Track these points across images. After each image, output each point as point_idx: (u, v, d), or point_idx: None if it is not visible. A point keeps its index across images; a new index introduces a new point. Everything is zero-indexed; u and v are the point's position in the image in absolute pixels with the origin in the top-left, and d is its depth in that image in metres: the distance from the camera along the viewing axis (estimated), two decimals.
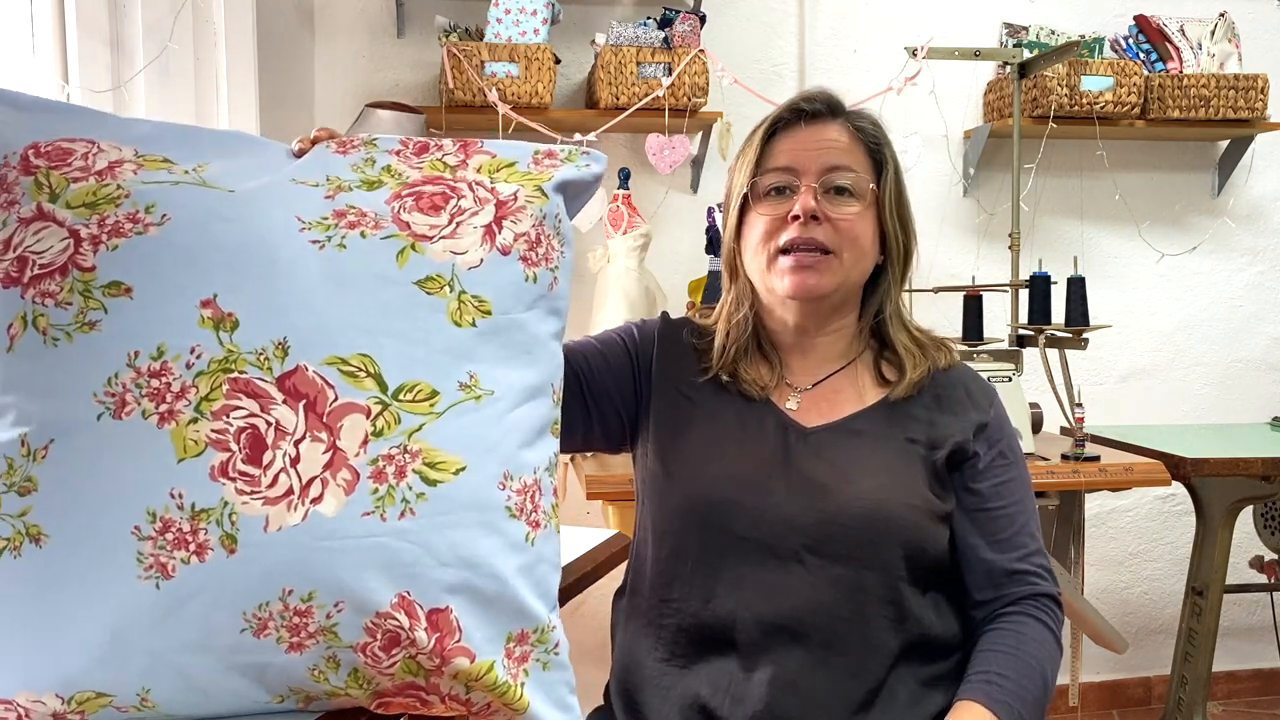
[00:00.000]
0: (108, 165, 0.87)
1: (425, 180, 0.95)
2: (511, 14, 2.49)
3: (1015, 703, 1.07)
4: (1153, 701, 3.09)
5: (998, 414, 1.22)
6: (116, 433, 0.80)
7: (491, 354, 0.90)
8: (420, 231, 0.90)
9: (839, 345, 1.23)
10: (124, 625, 0.79)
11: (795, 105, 1.22)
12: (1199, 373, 3.12)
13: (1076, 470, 2.01)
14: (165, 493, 0.80)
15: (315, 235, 0.87)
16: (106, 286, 0.83)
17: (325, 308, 0.85)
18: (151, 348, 0.82)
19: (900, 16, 2.90)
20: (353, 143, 0.99)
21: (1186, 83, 2.76)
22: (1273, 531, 2.68)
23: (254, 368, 0.82)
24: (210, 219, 0.85)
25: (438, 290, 0.89)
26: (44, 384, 0.82)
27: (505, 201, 0.95)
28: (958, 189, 2.93)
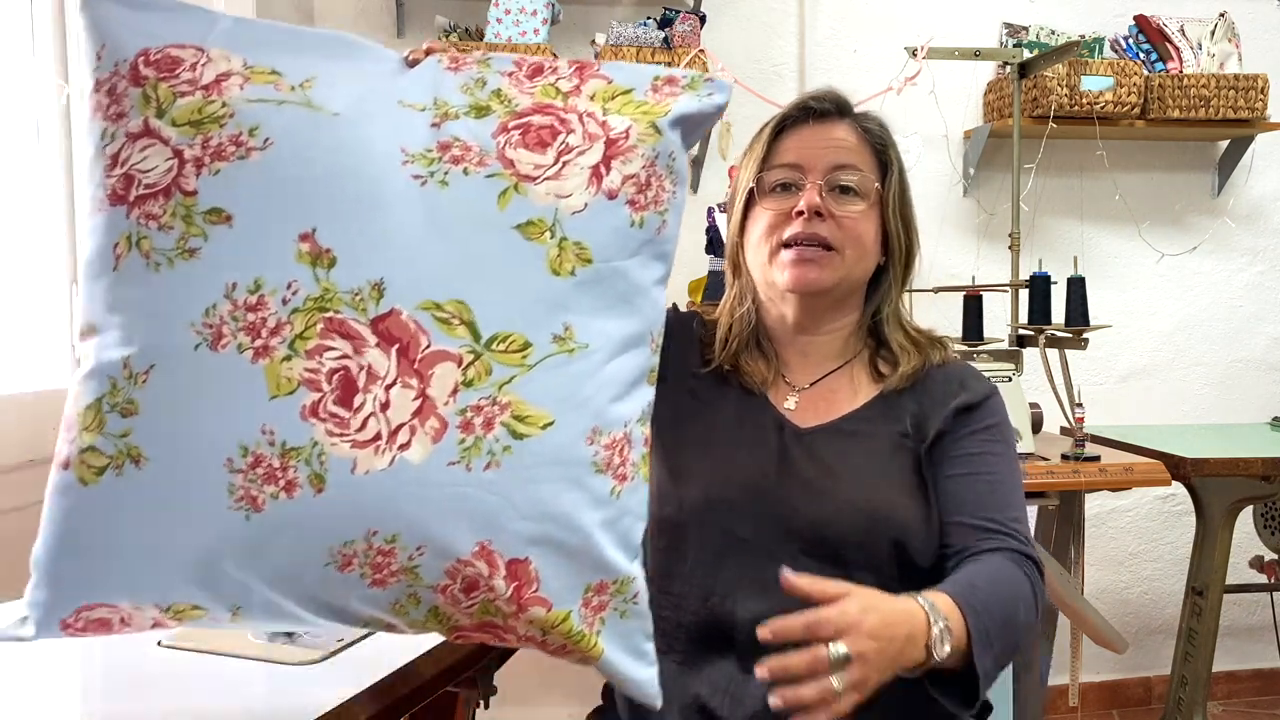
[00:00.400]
0: (215, 79, 0.85)
1: (535, 109, 0.91)
2: (511, 14, 2.49)
3: (984, 613, 0.99)
4: (1153, 701, 3.09)
5: (991, 403, 1.20)
6: (212, 364, 0.81)
7: (589, 305, 0.88)
8: (524, 171, 0.87)
9: (836, 345, 1.24)
10: (215, 552, 0.81)
11: (804, 103, 1.23)
12: (1199, 373, 3.12)
13: (1076, 470, 2.01)
14: (257, 428, 0.81)
15: (418, 169, 0.85)
16: (207, 213, 0.82)
17: (423, 251, 0.84)
18: (249, 280, 0.82)
19: (900, 16, 2.90)
20: (465, 60, 0.95)
21: (1186, 83, 2.76)
22: (1273, 531, 2.68)
23: (349, 308, 0.82)
24: (313, 147, 0.84)
25: (538, 236, 0.86)
26: (146, 308, 0.83)
27: (615, 140, 0.91)
28: (958, 189, 2.93)
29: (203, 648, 1.03)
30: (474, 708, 1.31)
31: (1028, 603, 1.06)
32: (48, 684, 1.00)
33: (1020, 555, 1.09)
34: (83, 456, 0.83)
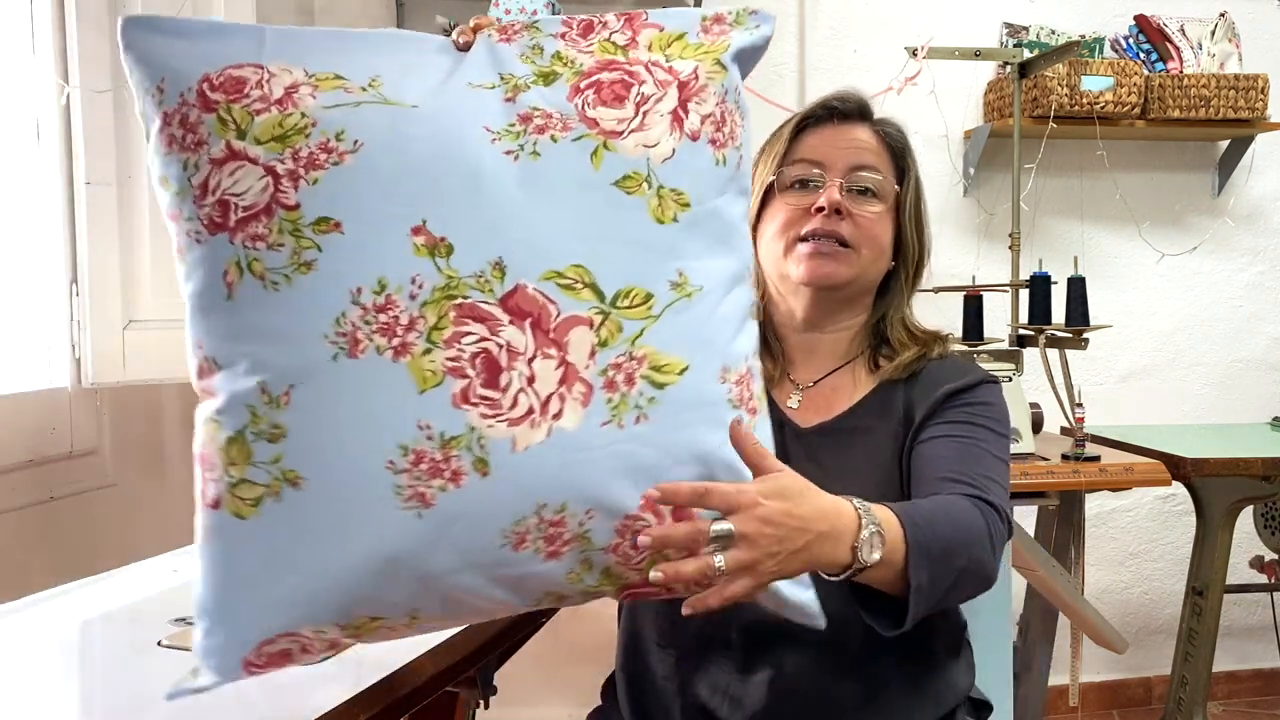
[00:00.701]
0: (284, 92, 0.84)
1: (600, 66, 0.91)
2: (511, 14, 2.48)
3: (925, 528, 0.95)
4: (1153, 701, 3.09)
5: (981, 389, 1.17)
6: (354, 371, 0.81)
7: (695, 248, 0.90)
8: (609, 128, 0.88)
9: (842, 344, 1.24)
10: (392, 556, 0.81)
11: (828, 103, 1.24)
12: (1199, 373, 3.11)
13: (1076, 470, 2.01)
14: (413, 425, 0.80)
15: (508, 145, 0.86)
16: (315, 223, 0.82)
17: (533, 222, 0.84)
18: (372, 282, 0.81)
19: (900, 16, 2.90)
20: (515, 28, 0.94)
21: (1187, 83, 2.76)
22: (1273, 531, 2.68)
23: (476, 291, 0.82)
24: (402, 140, 0.84)
25: (636, 189, 0.88)
26: (272, 330, 0.82)
27: (687, 82, 0.92)
28: (958, 189, 2.93)
29: None
30: (474, 708, 1.31)
31: (979, 538, 1.00)
32: (48, 684, 1.00)
33: (980, 500, 1.04)
34: (234, 492, 0.82)
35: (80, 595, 1.23)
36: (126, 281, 1.86)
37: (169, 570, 1.33)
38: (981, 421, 1.14)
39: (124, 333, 1.86)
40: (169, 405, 2.16)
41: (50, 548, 1.78)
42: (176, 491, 2.17)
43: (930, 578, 0.93)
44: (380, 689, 0.95)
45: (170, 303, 1.91)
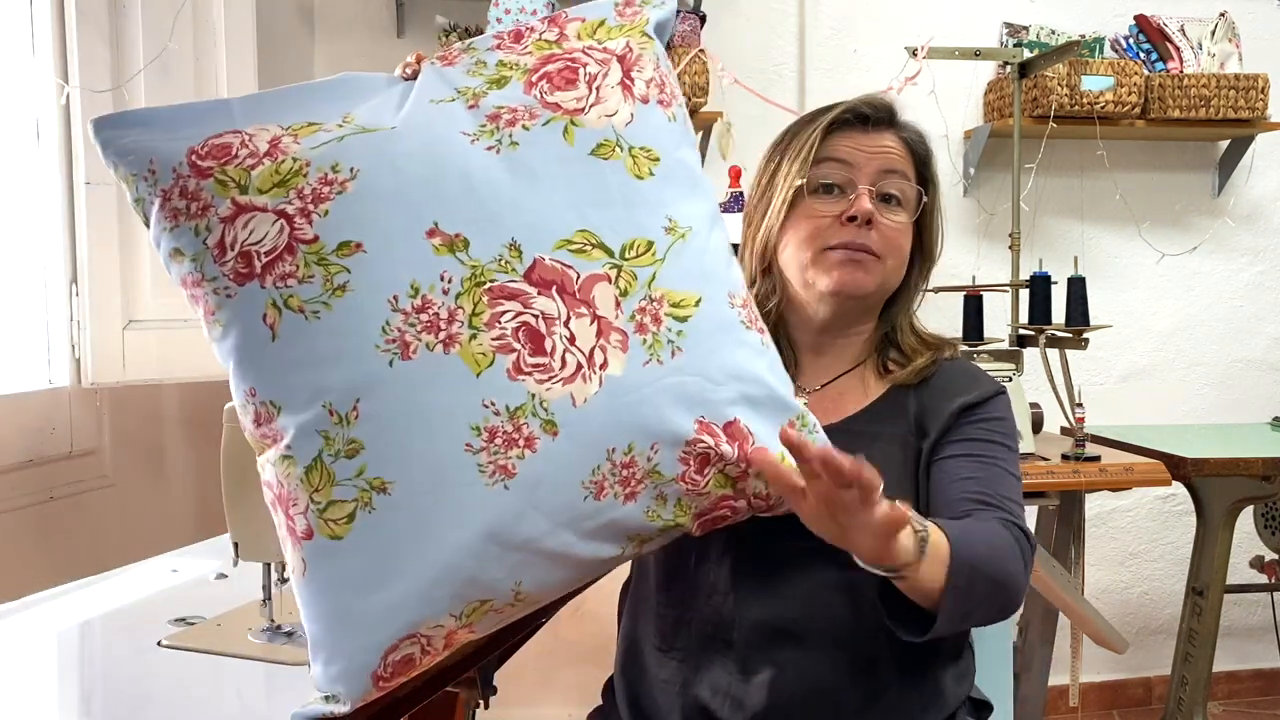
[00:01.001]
0: (269, 145, 0.90)
1: (542, 61, 0.99)
2: (511, 14, 2.48)
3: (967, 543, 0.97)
4: (1153, 701, 3.09)
5: (995, 402, 1.19)
6: (412, 371, 0.86)
7: (674, 195, 0.98)
8: (571, 107, 0.96)
9: (854, 349, 1.23)
10: (489, 531, 0.86)
11: (857, 107, 1.22)
12: (1199, 373, 3.11)
13: (1077, 470, 2.00)
14: (479, 405, 0.86)
15: (487, 141, 0.93)
16: (338, 249, 0.87)
17: (531, 203, 0.92)
18: (406, 287, 0.86)
19: (900, 16, 2.90)
20: (453, 53, 1.02)
21: (1187, 83, 2.76)
22: (1273, 531, 2.68)
23: (500, 273, 0.89)
24: (392, 158, 0.90)
25: (611, 153, 0.96)
26: (325, 354, 0.86)
27: (623, 55, 1.01)
28: (958, 189, 2.93)
29: (203, 648, 1.03)
30: (474, 708, 1.31)
31: (1014, 552, 1.03)
32: (48, 684, 1.00)
33: (1012, 524, 1.06)
34: (324, 516, 0.85)
35: (80, 595, 1.23)
36: (126, 281, 1.86)
37: (169, 570, 1.33)
38: (998, 439, 1.15)
39: (124, 333, 1.86)
40: (169, 405, 2.16)
41: (50, 548, 1.78)
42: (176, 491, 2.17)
43: (966, 590, 0.96)
44: None
45: (170, 303, 1.91)
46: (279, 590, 1.07)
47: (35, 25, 1.78)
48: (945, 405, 1.16)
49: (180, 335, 1.91)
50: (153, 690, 0.95)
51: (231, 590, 1.22)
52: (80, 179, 1.80)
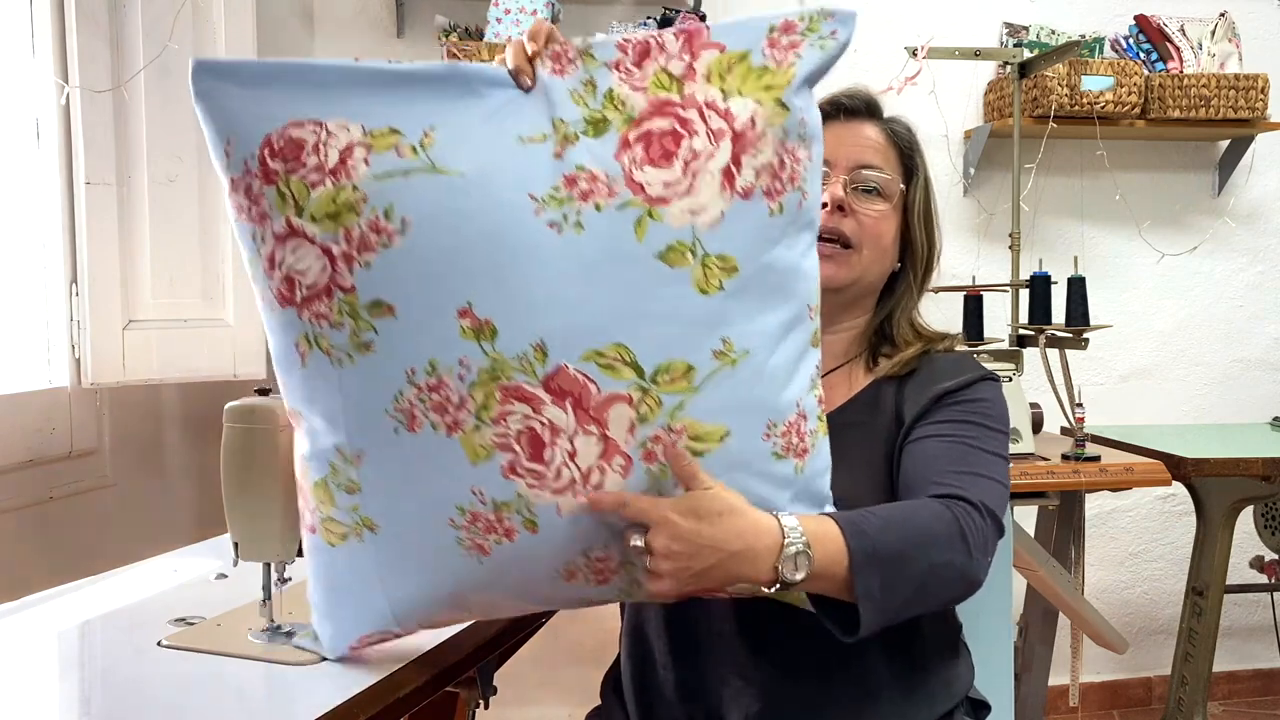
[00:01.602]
0: (339, 159, 0.85)
1: (652, 109, 0.88)
2: (511, 13, 2.49)
3: (875, 536, 0.92)
4: (1153, 701, 3.09)
5: (976, 387, 1.15)
6: (414, 444, 0.88)
7: (743, 311, 0.89)
8: (655, 193, 0.87)
9: (842, 344, 1.23)
10: (459, 590, 0.94)
11: (837, 100, 1.23)
12: (1199, 373, 3.11)
13: (1077, 470, 2.00)
14: (467, 490, 0.88)
15: (551, 215, 0.86)
16: (370, 306, 0.86)
17: (575, 302, 0.86)
18: (424, 363, 0.86)
19: (900, 16, 2.90)
20: (568, 55, 0.91)
21: (1187, 83, 2.76)
22: (1273, 531, 2.68)
23: (520, 373, 0.86)
24: (448, 217, 0.85)
25: (680, 260, 0.87)
26: (342, 401, 0.90)
27: (741, 133, 0.88)
28: (958, 189, 2.93)
29: (203, 648, 1.03)
30: (474, 708, 1.31)
31: (946, 540, 0.96)
32: (48, 684, 1.00)
33: (955, 499, 1.01)
34: (325, 525, 0.94)
35: (80, 595, 1.23)
36: (126, 281, 1.86)
37: (169, 570, 1.33)
38: (974, 419, 1.11)
39: (124, 333, 1.86)
40: (168, 405, 2.16)
41: (50, 548, 1.78)
42: (176, 491, 2.17)
43: (882, 585, 0.92)
44: (380, 689, 0.95)
45: (170, 303, 1.91)
46: (279, 590, 1.07)
47: (35, 25, 1.78)
48: (925, 393, 1.14)
49: (180, 335, 1.91)
50: (153, 690, 0.95)
51: (231, 590, 1.22)
52: (80, 179, 1.80)
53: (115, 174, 1.83)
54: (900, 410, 1.14)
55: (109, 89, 1.81)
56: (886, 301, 1.24)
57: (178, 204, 1.91)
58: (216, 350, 1.96)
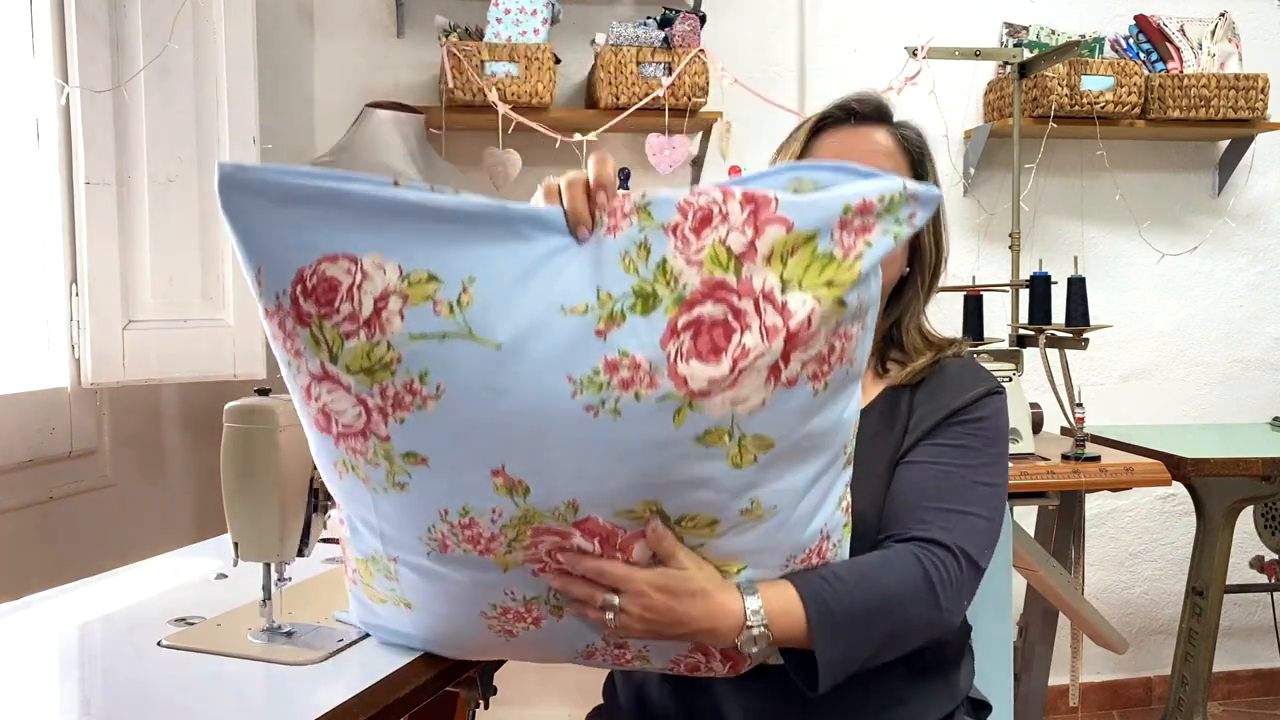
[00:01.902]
0: (374, 309, 0.81)
1: (706, 292, 0.83)
2: (511, 14, 2.49)
3: (836, 607, 0.96)
4: (1153, 701, 3.09)
5: (982, 402, 1.16)
6: (446, 561, 0.92)
7: (773, 474, 0.89)
8: (698, 388, 0.83)
9: None
10: (487, 652, 1.04)
11: (847, 105, 1.22)
12: (1199, 373, 3.12)
13: (1077, 470, 2.00)
14: (501, 591, 0.94)
15: (589, 399, 0.82)
16: (405, 455, 0.86)
17: (607, 474, 0.86)
18: (458, 507, 0.88)
19: (900, 16, 2.90)
20: (624, 209, 0.86)
21: (1187, 83, 2.76)
22: (1273, 531, 2.68)
23: (551, 519, 0.88)
24: (483, 389, 0.83)
25: (716, 441, 0.85)
26: (377, 519, 0.93)
27: (796, 333, 0.83)
28: (958, 189, 2.93)
29: (203, 648, 1.03)
30: (474, 708, 1.31)
31: (913, 594, 1.01)
32: (48, 684, 1.00)
33: (929, 543, 1.04)
34: (368, 586, 1.00)
35: (80, 595, 1.23)
36: (126, 281, 1.86)
37: (169, 570, 1.33)
38: (973, 443, 1.12)
39: (123, 333, 1.86)
40: (168, 405, 2.16)
41: (50, 548, 1.78)
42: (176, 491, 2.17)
43: (845, 649, 0.97)
44: (380, 689, 0.95)
45: (169, 303, 1.91)
46: (279, 590, 1.07)
47: (35, 25, 1.78)
48: (934, 409, 1.14)
49: (180, 335, 1.91)
50: (153, 690, 0.95)
51: (231, 590, 1.21)
52: (80, 179, 1.80)
53: (115, 174, 1.83)
54: (910, 423, 1.15)
55: (109, 89, 1.81)
56: (894, 306, 1.23)
57: (178, 204, 1.91)
58: (216, 350, 1.96)
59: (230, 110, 1.95)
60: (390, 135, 2.34)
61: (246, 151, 1.96)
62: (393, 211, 0.82)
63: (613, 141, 2.73)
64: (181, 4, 1.88)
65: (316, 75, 2.71)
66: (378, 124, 2.35)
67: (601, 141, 2.56)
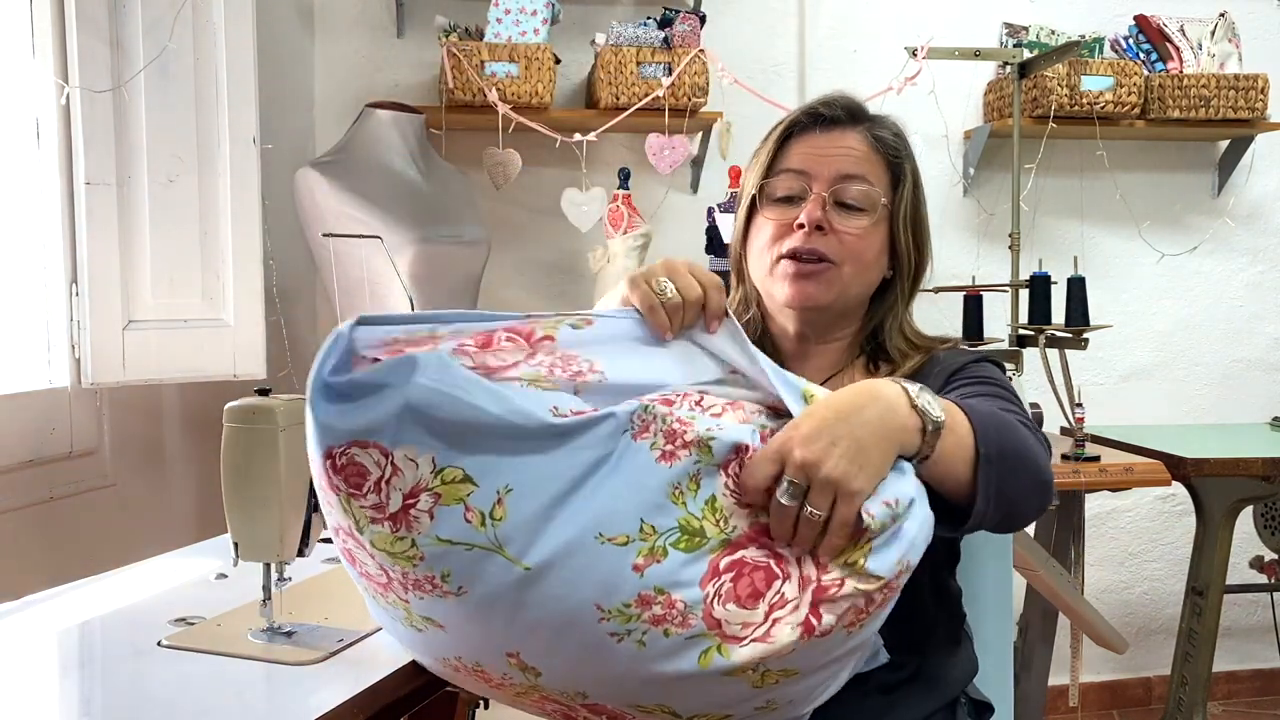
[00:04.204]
0: (402, 505, 0.80)
1: (752, 537, 0.83)
2: (511, 14, 2.49)
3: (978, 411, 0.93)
4: (1153, 701, 3.09)
5: (979, 366, 1.14)
6: (457, 679, 0.94)
7: (795, 690, 0.87)
8: (731, 633, 0.81)
9: (837, 355, 1.22)
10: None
11: (813, 109, 1.20)
12: (1199, 373, 3.11)
13: (1077, 470, 2.01)
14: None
15: (614, 627, 0.81)
16: (423, 618, 0.86)
17: (622, 683, 0.84)
18: (470, 662, 0.88)
19: (900, 16, 2.90)
20: (684, 434, 0.84)
21: (1186, 83, 2.76)
22: (1273, 531, 2.68)
23: (560, 697, 0.88)
24: (505, 602, 0.81)
25: (740, 675, 0.83)
26: (398, 632, 0.93)
27: (827, 587, 0.83)
28: (958, 189, 2.93)
29: (203, 648, 1.03)
30: (474, 708, 1.31)
31: (1027, 436, 0.97)
32: (48, 684, 1.00)
33: (1020, 419, 1.00)
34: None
35: (80, 595, 1.23)
36: (126, 281, 1.86)
37: (169, 570, 1.33)
38: (983, 390, 1.09)
39: (123, 333, 1.86)
40: (168, 405, 2.15)
41: (50, 548, 1.78)
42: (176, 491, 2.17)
43: (999, 450, 0.91)
44: (380, 689, 0.95)
45: (169, 303, 1.91)
46: (279, 590, 1.07)
47: (35, 25, 1.77)
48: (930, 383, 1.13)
49: (180, 335, 1.91)
50: (153, 690, 0.95)
51: (231, 590, 1.21)
52: (80, 179, 1.80)
53: (115, 174, 1.83)
54: None
55: (109, 89, 1.81)
56: (877, 308, 1.22)
57: (178, 204, 1.90)
58: (216, 350, 1.96)
59: (230, 110, 1.95)
60: (390, 135, 2.34)
61: (246, 151, 1.96)
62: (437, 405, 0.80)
63: (613, 142, 2.74)
64: (181, 4, 1.88)
65: (316, 75, 2.71)
66: (378, 124, 2.34)
67: (601, 142, 2.56)
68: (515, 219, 2.79)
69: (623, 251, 2.51)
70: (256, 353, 1.99)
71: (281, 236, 2.23)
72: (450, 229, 2.31)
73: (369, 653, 1.02)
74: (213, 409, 1.15)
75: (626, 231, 2.52)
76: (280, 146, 2.23)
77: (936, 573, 1.18)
